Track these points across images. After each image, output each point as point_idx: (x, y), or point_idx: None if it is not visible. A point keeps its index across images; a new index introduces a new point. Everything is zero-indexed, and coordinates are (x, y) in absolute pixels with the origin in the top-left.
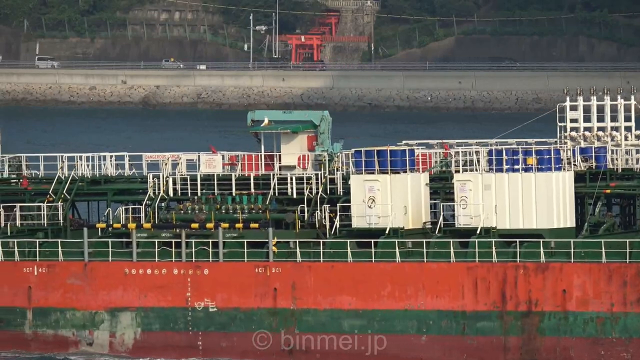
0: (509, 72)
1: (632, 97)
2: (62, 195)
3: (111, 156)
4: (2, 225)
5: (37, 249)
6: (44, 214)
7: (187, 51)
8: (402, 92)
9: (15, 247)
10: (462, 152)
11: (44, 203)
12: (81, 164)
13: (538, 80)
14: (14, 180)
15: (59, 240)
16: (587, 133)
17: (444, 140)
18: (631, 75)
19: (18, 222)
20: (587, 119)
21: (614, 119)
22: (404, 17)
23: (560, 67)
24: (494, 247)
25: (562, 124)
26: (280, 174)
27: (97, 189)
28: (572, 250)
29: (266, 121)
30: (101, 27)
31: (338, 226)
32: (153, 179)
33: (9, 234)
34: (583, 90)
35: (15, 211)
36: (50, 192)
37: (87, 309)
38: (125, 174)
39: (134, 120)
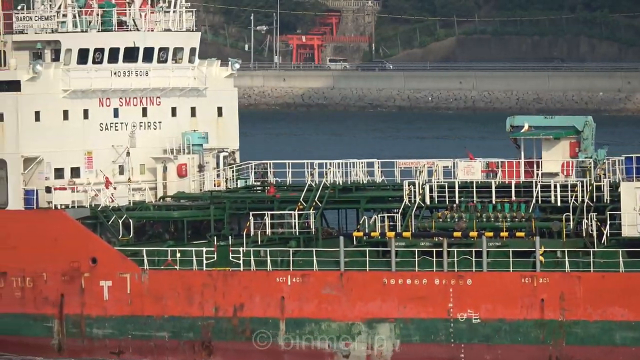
0: (510, 72)
1: None
2: (314, 203)
3: (362, 163)
4: (252, 233)
5: (291, 258)
6: (295, 222)
7: None
8: (403, 92)
9: (268, 257)
10: None
11: (295, 211)
12: (332, 171)
13: (539, 81)
14: (259, 188)
15: (314, 249)
16: None
17: None
18: (632, 76)
19: (268, 231)
20: None
21: None
22: (404, 17)
23: (561, 67)
24: None
25: None
26: (542, 182)
27: (349, 197)
28: None
29: (526, 127)
30: None
31: (607, 235)
32: (409, 186)
33: (259, 242)
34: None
35: (265, 219)
36: (300, 199)
37: (344, 320)
38: (377, 181)
39: None
